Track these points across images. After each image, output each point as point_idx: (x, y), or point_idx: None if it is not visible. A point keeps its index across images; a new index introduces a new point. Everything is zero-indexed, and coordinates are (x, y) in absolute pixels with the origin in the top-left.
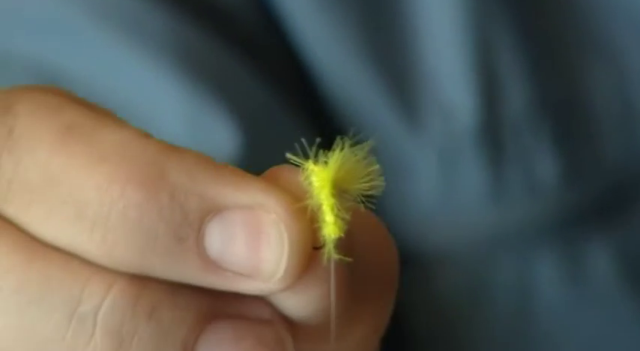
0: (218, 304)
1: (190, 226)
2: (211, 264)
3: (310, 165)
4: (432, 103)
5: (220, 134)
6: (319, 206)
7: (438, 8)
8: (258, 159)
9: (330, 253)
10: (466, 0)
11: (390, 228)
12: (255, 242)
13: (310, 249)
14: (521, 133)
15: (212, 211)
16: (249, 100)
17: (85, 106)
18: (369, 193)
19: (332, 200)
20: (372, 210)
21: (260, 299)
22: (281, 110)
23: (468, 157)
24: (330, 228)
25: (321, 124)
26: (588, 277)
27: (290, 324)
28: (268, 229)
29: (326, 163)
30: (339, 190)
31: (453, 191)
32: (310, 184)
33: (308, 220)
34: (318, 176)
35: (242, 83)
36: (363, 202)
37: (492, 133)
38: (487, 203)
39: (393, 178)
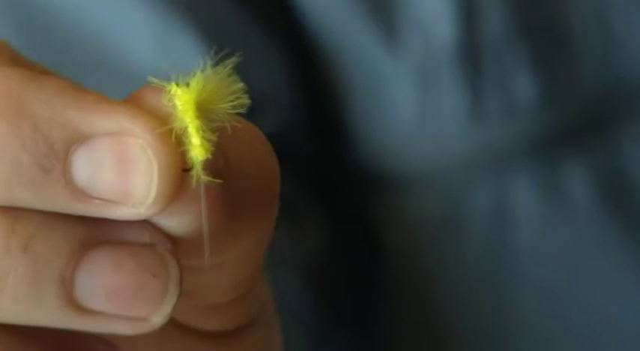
0: (95, 232)
1: (56, 156)
2: (79, 193)
3: (173, 87)
4: (410, 24)
5: (191, 56)
6: (185, 129)
7: None
8: None
9: (198, 175)
10: None
11: (369, 148)
12: (123, 168)
13: (180, 172)
14: (500, 55)
15: (78, 139)
16: (220, 22)
17: None
18: (235, 111)
19: (197, 122)
20: (245, 123)
21: (140, 223)
22: (254, 31)
23: (446, 78)
24: (197, 150)
25: (296, 44)
26: (565, 199)
27: (174, 243)
28: (136, 155)
29: (188, 84)
30: (204, 112)
31: (431, 112)
32: (174, 106)
33: (175, 143)
34: (181, 98)
35: (213, 3)
36: (229, 121)
37: (471, 54)
38: (465, 124)
39: (370, 99)
